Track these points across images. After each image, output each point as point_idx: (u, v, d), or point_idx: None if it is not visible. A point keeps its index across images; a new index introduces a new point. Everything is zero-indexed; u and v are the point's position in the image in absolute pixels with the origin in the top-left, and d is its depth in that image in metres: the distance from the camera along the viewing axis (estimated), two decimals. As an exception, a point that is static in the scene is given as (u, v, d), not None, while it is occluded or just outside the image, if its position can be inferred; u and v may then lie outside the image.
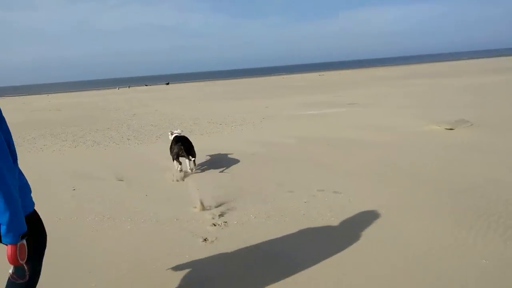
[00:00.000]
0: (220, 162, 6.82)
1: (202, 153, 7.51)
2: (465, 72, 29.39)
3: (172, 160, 6.29)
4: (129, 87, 58.32)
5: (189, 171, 6.24)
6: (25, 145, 9.80)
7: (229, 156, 7.23)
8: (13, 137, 1.97)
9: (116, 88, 56.66)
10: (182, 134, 6.82)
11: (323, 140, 8.07)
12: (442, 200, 4.36)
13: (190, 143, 6.39)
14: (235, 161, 6.79)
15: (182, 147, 6.09)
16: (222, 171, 6.22)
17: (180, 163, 6.23)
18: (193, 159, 6.21)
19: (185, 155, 6.10)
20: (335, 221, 3.97)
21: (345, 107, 13.58)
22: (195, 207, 4.57)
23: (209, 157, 7.24)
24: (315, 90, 23.38)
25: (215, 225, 4.06)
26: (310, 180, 5.41)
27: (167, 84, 62.26)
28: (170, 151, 6.38)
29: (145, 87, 55.70)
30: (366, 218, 3.97)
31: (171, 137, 6.69)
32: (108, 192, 5.42)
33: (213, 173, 6.16)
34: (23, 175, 2.04)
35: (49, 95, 50.15)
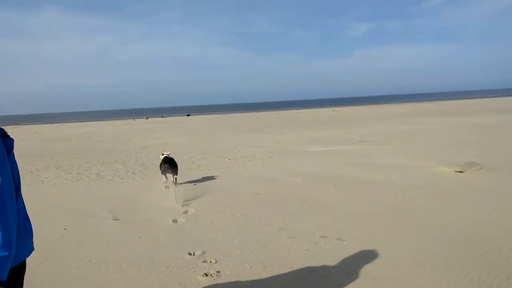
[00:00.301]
0: (222, 201, 6.56)
1: (206, 190, 7.29)
2: (474, 111, 28.97)
3: (161, 172, 8.04)
4: (147, 118, 59.15)
5: (173, 184, 7.84)
6: (27, 178, 9.71)
7: (232, 195, 6.96)
8: (18, 168, 1.95)
9: (132, 119, 57.47)
10: (170, 156, 8.27)
11: (330, 179, 7.76)
12: (452, 250, 4.01)
13: (175, 163, 7.98)
14: (238, 201, 6.52)
15: (169, 166, 7.80)
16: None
17: (166, 178, 7.95)
18: (176, 176, 7.91)
19: (171, 173, 7.86)
20: (336, 274, 3.63)
21: (356, 144, 13.29)
22: (190, 253, 4.30)
23: (212, 195, 6.98)
24: (328, 125, 23.21)
25: (207, 275, 3.76)
26: (314, 225, 5.10)
27: (188, 115, 63.00)
28: (160, 168, 8.08)
29: (162, 118, 56.46)
30: (370, 271, 3.63)
31: (162, 157, 8.26)
32: (100, 233, 5.18)
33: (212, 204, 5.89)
34: (26, 216, 1.95)
35: (64, 124, 51.14)
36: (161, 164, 8.06)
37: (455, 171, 7.64)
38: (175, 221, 5.63)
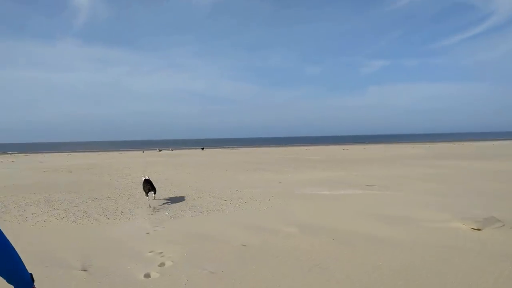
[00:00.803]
0: (205, 252, 5.90)
1: (191, 238, 6.65)
2: (493, 155, 28.02)
3: (144, 191, 10.89)
4: (159, 150, 59.38)
5: (153, 198, 10.83)
6: (12, 212, 9.21)
7: (217, 245, 6.30)
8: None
9: (141, 151, 57.53)
10: (148, 178, 11.15)
11: (328, 231, 7.04)
12: None
13: (152, 184, 10.86)
14: (223, 254, 5.85)
15: (150, 187, 10.62)
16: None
17: (148, 195, 10.57)
18: (154, 194, 10.79)
19: (152, 191, 10.61)
20: None
21: (362, 188, 12.58)
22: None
23: (196, 244, 6.33)
24: (336, 165, 22.52)
25: None
26: (302, 291, 4.40)
27: (202, 149, 63.38)
28: (143, 188, 10.95)
29: (169, 151, 56.36)
30: None
31: (142, 179, 11.30)
32: (59, 286, 4.55)
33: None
34: None
35: (71, 154, 51.28)
36: (143, 185, 10.94)
37: (472, 228, 6.84)
38: (147, 275, 4.98)
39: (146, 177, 11.21)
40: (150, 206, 10.10)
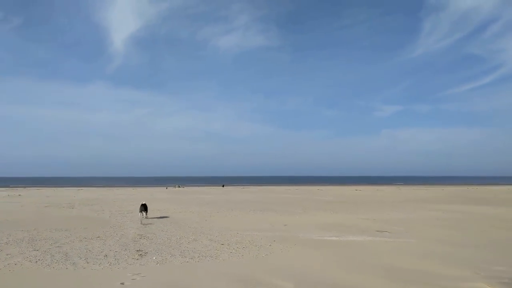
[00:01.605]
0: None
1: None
2: (508, 201, 26.54)
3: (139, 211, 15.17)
4: (178, 186, 60.11)
5: (145, 218, 14.82)
6: (-11, 252, 8.50)
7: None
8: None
9: (165, 187, 57.46)
10: (144, 203, 15.53)
11: None
12: None
13: (146, 206, 15.45)
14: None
15: (143, 209, 14.97)
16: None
17: (141, 215, 14.78)
18: (146, 214, 15.12)
19: (144, 210, 14.98)
20: None
21: (372, 235, 11.57)
22: None
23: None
24: (346, 207, 21.43)
25: None
26: None
27: (223, 186, 65.27)
28: (139, 209, 15.22)
29: (176, 188, 55.84)
30: None
31: (140, 203, 15.72)
32: None
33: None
34: None
35: (84, 188, 51.08)
36: (140, 207, 15.35)
37: (497, 291, 5.85)
38: (141, 222, 4.16)
39: (143, 202, 16.05)
40: (141, 223, 14.23)
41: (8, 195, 32.90)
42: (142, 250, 9.12)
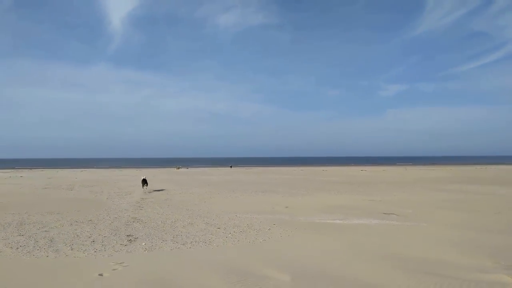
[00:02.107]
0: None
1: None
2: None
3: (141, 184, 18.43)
4: (178, 167, 59.92)
5: (146, 190, 18.05)
6: (-31, 238, 8.00)
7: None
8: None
9: (170, 168, 57.04)
10: (145, 178, 18.43)
11: (330, 281, 5.50)
12: None
13: (146, 180, 18.36)
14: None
15: (145, 182, 18.03)
16: None
17: (143, 187, 17.92)
18: (147, 187, 18.16)
19: (145, 184, 17.97)
20: None
21: (379, 217, 10.95)
22: None
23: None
24: (352, 188, 20.81)
25: None
26: None
27: (231, 167, 66.35)
28: (141, 183, 18.24)
29: (176, 169, 55.52)
30: None
31: (142, 178, 18.58)
32: None
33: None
34: None
35: (88, 170, 50.93)
36: (142, 180, 18.36)
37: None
38: (144, 192, 3.60)
39: (144, 177, 18.86)
40: (145, 192, 18.17)
41: (10, 176, 32.67)
42: (132, 235, 8.58)
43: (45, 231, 8.97)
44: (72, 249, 7.30)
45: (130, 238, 8.30)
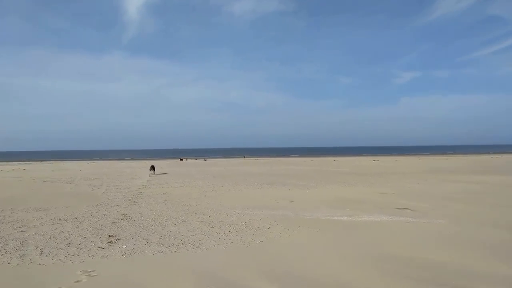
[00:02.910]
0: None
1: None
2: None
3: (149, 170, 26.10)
4: (181, 159, 58.93)
5: (153, 174, 24.47)
6: None
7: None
8: None
9: (179, 159, 56.64)
10: (153, 165, 27.58)
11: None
12: None
13: (154, 167, 26.80)
14: None
15: (152, 168, 25.92)
16: None
17: (150, 172, 25.22)
18: (154, 172, 25.45)
19: (153, 170, 25.71)
20: None
21: (390, 213, 9.92)
22: None
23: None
24: (363, 180, 19.72)
25: None
26: None
27: (244, 157, 68.58)
28: (150, 168, 26.11)
29: (182, 161, 54.94)
30: None
31: (150, 165, 27.62)
32: None
33: None
34: None
35: (96, 162, 50.61)
36: (150, 167, 26.26)
37: None
38: (149, 175, 2.71)
39: (152, 164, 27.30)
40: (150, 176, 23.24)
41: (13, 169, 32.34)
42: (115, 236, 7.72)
43: (22, 231, 8.18)
44: (41, 253, 6.45)
45: (112, 239, 7.43)
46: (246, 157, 68.85)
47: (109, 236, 7.72)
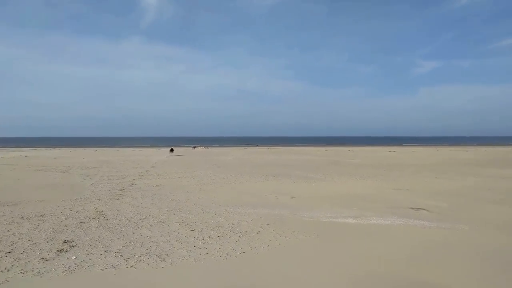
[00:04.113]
0: None
1: None
2: None
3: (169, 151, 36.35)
4: (206, 147, 57.91)
5: (171, 154, 34.57)
6: None
7: None
8: None
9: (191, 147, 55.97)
10: (172, 148, 40.31)
11: None
12: None
13: (173, 149, 38.33)
14: None
15: (172, 150, 37.19)
16: None
17: (169, 152, 36.08)
18: (173, 153, 35.76)
19: (172, 151, 36.57)
20: None
21: (404, 214, 8.45)
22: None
23: None
24: (377, 172, 18.16)
25: None
26: None
27: (257, 146, 68.76)
28: (169, 151, 37.43)
29: (203, 149, 53.99)
30: None
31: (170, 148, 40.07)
32: None
33: None
34: None
35: (107, 149, 50.02)
36: (170, 150, 37.55)
37: None
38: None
39: (172, 147, 39.85)
40: (168, 156, 32.95)
41: (14, 156, 31.71)
42: (71, 241, 6.50)
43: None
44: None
45: (65, 246, 6.21)
46: (260, 146, 67.71)
47: (64, 242, 6.50)
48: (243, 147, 60.78)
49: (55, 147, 58.65)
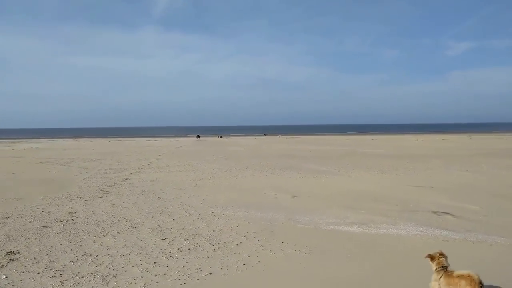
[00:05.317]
0: None
1: None
2: None
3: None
4: (222, 137, 57.88)
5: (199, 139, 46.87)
6: None
7: None
8: None
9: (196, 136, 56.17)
10: (199, 135, 55.37)
11: None
12: None
13: (199, 136, 53.89)
14: None
15: (199, 136, 52.52)
16: None
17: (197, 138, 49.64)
18: (200, 138, 51.16)
19: (198, 136, 52.80)
20: None
21: (423, 221, 7.04)
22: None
23: None
24: (399, 164, 16.55)
25: None
26: None
27: (265, 135, 69.03)
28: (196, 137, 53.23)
29: (218, 138, 53.32)
30: None
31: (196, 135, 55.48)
32: None
33: None
34: None
35: (121, 140, 49.91)
36: (196, 136, 53.96)
37: None
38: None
39: (198, 134, 56.10)
40: (195, 140, 45.73)
41: (25, 148, 31.61)
42: (16, 253, 5.50)
43: None
44: None
45: (4, 260, 5.19)
46: (271, 135, 66.32)
47: (8, 253, 5.48)
48: (259, 136, 59.63)
49: (74, 138, 59.13)
